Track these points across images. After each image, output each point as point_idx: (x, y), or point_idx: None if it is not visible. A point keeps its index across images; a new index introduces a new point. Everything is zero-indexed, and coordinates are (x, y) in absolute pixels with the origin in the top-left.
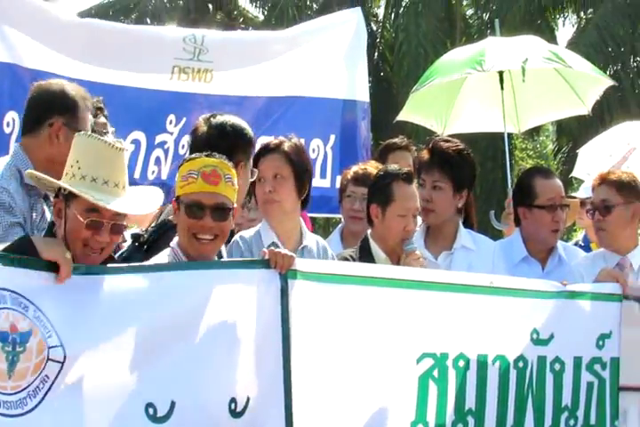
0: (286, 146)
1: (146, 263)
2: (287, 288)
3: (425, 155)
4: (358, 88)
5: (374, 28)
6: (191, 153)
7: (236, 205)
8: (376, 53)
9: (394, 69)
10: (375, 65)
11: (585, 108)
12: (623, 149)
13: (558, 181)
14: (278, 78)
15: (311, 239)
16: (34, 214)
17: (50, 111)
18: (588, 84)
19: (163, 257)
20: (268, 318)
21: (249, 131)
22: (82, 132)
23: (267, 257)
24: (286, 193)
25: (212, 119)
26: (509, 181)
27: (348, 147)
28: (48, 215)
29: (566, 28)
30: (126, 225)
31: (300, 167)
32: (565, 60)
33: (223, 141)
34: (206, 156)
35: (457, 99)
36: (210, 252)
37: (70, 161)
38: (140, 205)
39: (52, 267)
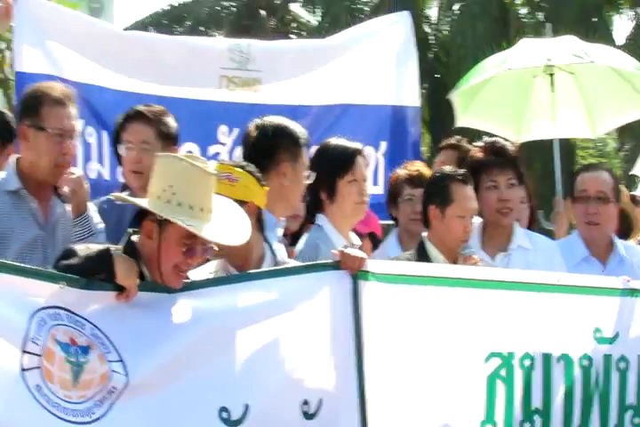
0: None
1: (211, 278)
2: (358, 289)
3: (479, 154)
4: (408, 93)
5: (427, 30)
6: (244, 157)
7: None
8: (430, 55)
9: (449, 72)
10: (429, 67)
11: None
12: None
13: (600, 174)
14: (328, 86)
15: None
16: (33, 217)
17: (19, 115)
18: None
19: (211, 266)
20: (339, 320)
21: (295, 131)
22: (166, 154)
23: (337, 258)
24: None
25: (258, 122)
26: (559, 180)
27: (398, 153)
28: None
29: (624, 24)
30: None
31: None
32: (590, 56)
33: (264, 141)
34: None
35: (528, 104)
36: None
37: (161, 184)
38: (237, 234)
39: (116, 286)
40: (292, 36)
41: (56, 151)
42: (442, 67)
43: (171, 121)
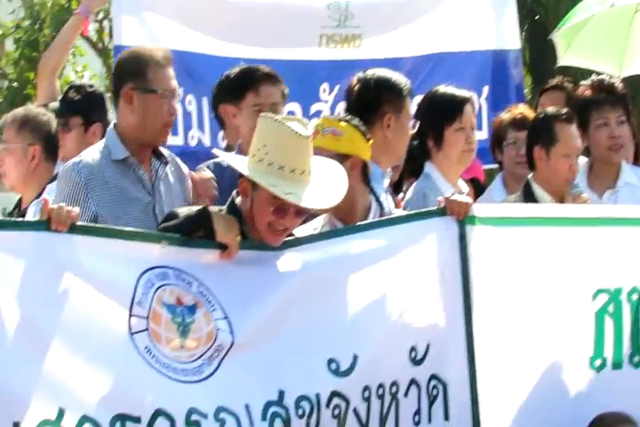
0: None
1: (314, 233)
2: (465, 234)
3: (588, 92)
4: (508, 36)
5: None
6: (347, 111)
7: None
8: None
9: (549, 12)
10: (529, 9)
11: None
12: None
13: None
14: (426, 36)
15: None
16: (141, 183)
17: (121, 80)
18: None
19: (317, 222)
20: (447, 265)
21: (397, 82)
22: (266, 115)
23: (442, 205)
24: None
25: (361, 75)
26: None
27: (501, 97)
28: (169, 176)
29: None
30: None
31: None
32: None
33: (367, 94)
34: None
35: (630, 39)
36: None
37: (256, 143)
38: (326, 196)
39: (219, 244)
40: None
41: (165, 112)
42: (541, 8)
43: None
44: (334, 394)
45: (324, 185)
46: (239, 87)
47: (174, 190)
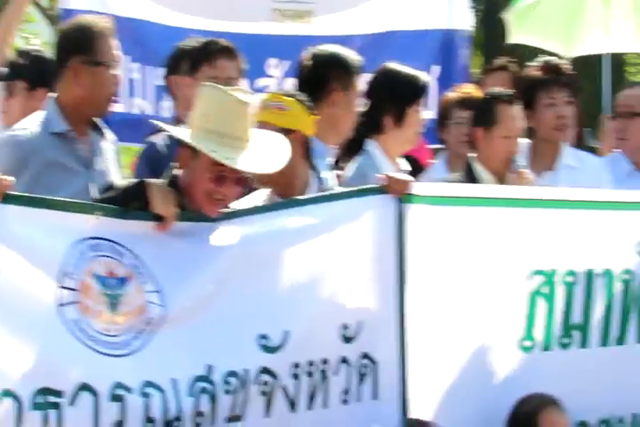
0: None
1: (252, 206)
2: (403, 213)
3: (536, 73)
4: (458, 17)
5: None
6: (297, 86)
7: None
8: None
9: None
10: None
11: None
12: None
13: (635, 90)
14: (378, 14)
15: None
16: (80, 157)
17: (66, 53)
18: None
19: (256, 197)
20: (384, 243)
21: (348, 59)
22: (207, 84)
23: (382, 182)
24: None
25: (312, 51)
26: (607, 97)
27: (449, 77)
28: (106, 148)
29: None
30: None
31: None
32: None
33: (316, 70)
34: None
35: (580, 19)
36: None
37: (197, 112)
38: (266, 162)
39: (155, 215)
40: None
41: (112, 83)
42: None
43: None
44: (263, 370)
45: (265, 153)
46: (196, 59)
47: (112, 163)
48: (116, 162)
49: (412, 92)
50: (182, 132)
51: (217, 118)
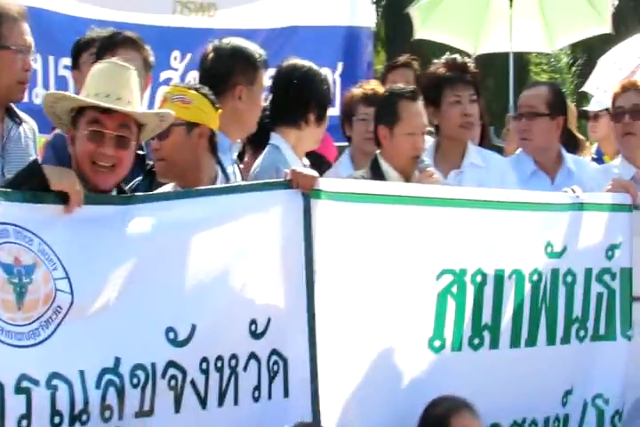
0: None
1: (162, 191)
2: (310, 208)
3: (441, 70)
4: (361, 14)
5: None
6: (200, 80)
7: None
8: None
9: None
10: None
11: (607, 27)
12: (633, 63)
13: (537, 90)
14: (281, 9)
15: None
16: None
17: None
18: (604, 1)
19: (166, 189)
20: (291, 239)
21: (252, 53)
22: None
23: (289, 177)
24: None
25: (216, 43)
26: (512, 97)
27: (354, 73)
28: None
29: None
30: (134, 140)
31: None
32: None
33: (220, 63)
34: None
35: (486, 17)
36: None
37: (86, 83)
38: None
39: (61, 198)
40: None
41: (19, 68)
42: None
43: (149, 49)
44: (170, 364)
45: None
46: (100, 50)
47: (29, 151)
48: (32, 149)
49: (329, 93)
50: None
51: (94, 82)
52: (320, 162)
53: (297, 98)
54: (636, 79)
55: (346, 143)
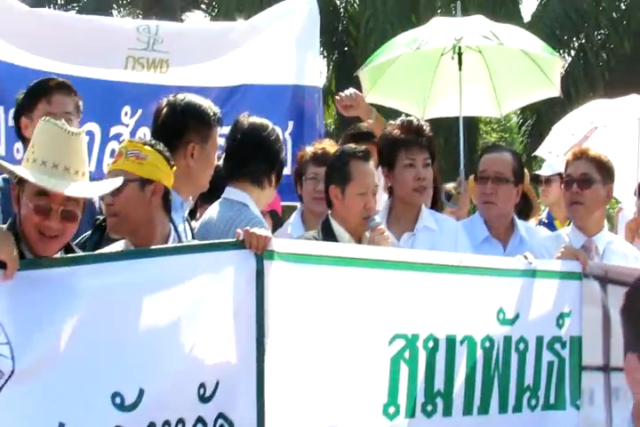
0: None
1: (108, 251)
2: (263, 269)
3: (397, 132)
4: (309, 73)
5: (338, 3)
6: (152, 134)
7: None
8: (340, 27)
9: (359, 45)
10: (339, 39)
11: (556, 90)
12: (586, 128)
13: (501, 154)
14: (233, 68)
15: None
16: None
17: None
18: (553, 65)
19: (113, 248)
20: (243, 300)
21: (206, 110)
22: (45, 118)
23: (241, 237)
24: None
25: (170, 98)
26: (462, 161)
27: (303, 132)
28: None
29: (530, 1)
30: (81, 210)
31: None
32: (500, 38)
33: (173, 119)
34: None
35: (434, 82)
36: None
37: (29, 146)
38: (88, 189)
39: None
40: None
41: None
42: (351, 39)
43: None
44: None
45: (94, 184)
46: (31, 97)
47: None
48: None
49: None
50: (17, 168)
51: (41, 147)
52: (276, 220)
53: (266, 157)
54: (588, 147)
55: (297, 203)
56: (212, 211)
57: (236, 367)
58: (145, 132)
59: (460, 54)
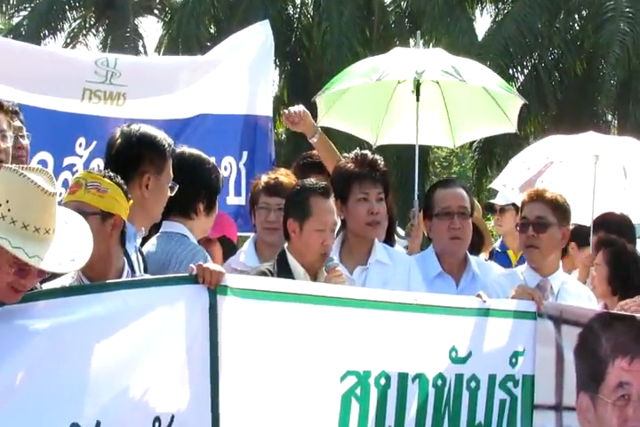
0: None
1: (61, 287)
2: (216, 304)
3: (351, 166)
4: (261, 102)
5: (291, 13)
6: (106, 165)
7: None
8: (293, 38)
9: (311, 55)
10: (292, 50)
11: (512, 127)
12: (541, 163)
13: (458, 189)
14: (189, 100)
15: None
16: None
17: None
18: (511, 102)
19: (65, 279)
20: (196, 335)
21: (161, 142)
22: (8, 167)
23: (195, 272)
24: None
25: (125, 129)
26: (416, 193)
27: (256, 162)
28: None
29: (484, 19)
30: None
31: None
32: (462, 75)
33: (128, 150)
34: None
35: (389, 109)
36: None
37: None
38: (72, 259)
39: None
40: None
41: None
42: (304, 50)
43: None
44: None
45: (70, 244)
46: None
47: None
48: None
49: (219, 181)
50: None
51: (20, 208)
52: (229, 247)
53: (186, 188)
54: (544, 188)
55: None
56: (151, 245)
57: (191, 402)
58: (99, 164)
59: (418, 85)
